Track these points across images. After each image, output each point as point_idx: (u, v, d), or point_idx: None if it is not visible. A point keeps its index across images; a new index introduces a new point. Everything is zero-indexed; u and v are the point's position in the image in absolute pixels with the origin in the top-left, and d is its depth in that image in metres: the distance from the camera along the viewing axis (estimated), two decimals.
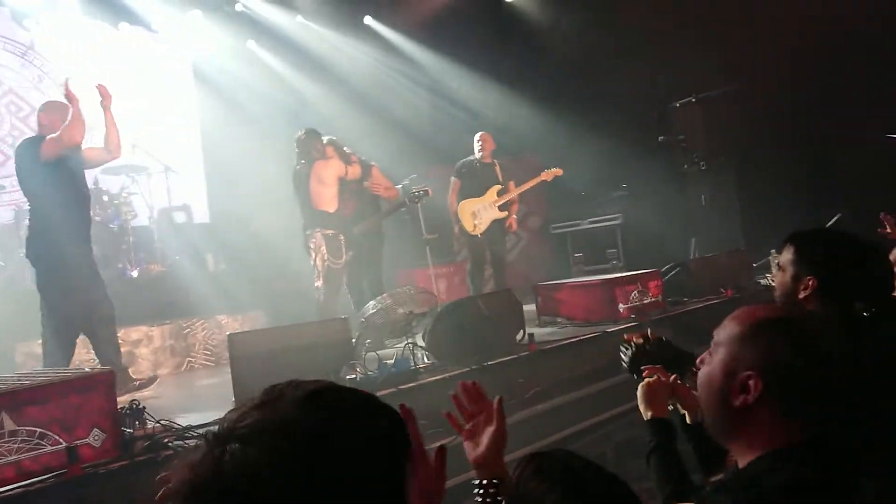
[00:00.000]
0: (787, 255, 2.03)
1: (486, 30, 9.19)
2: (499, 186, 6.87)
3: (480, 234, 6.79)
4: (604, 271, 8.13)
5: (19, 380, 3.07)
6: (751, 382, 1.26)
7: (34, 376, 3.18)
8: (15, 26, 7.68)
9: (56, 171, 4.46)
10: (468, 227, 6.78)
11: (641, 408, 2.01)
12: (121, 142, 4.89)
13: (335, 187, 5.76)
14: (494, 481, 1.52)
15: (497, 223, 6.86)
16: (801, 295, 1.95)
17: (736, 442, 1.32)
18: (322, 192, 5.68)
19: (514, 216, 7.05)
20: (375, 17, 9.15)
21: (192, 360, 6.25)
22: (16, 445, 2.74)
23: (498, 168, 6.96)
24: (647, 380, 2.03)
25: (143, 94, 8.49)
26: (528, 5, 9.24)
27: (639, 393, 2.03)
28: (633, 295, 5.82)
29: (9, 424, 2.73)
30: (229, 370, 3.99)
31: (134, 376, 4.92)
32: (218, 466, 0.72)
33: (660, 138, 8.34)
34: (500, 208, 6.85)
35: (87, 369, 3.36)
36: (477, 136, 6.98)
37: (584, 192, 9.18)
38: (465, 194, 6.84)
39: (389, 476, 0.80)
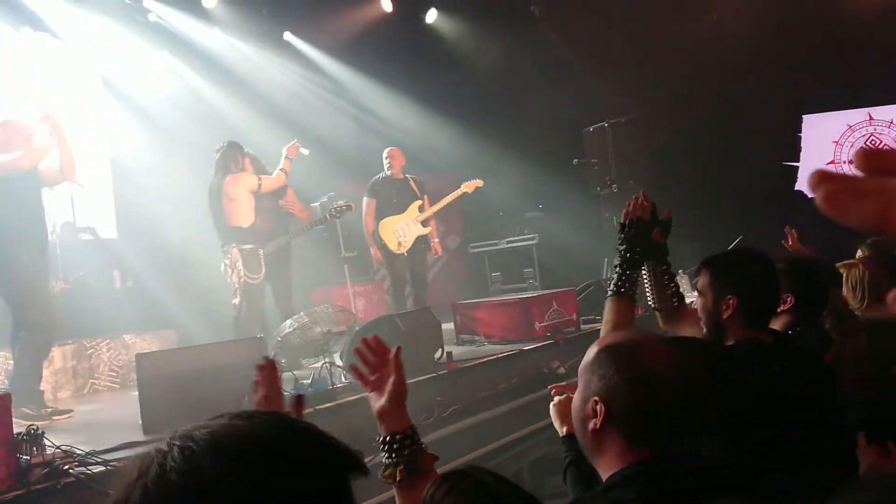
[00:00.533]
0: (703, 280, 2.12)
1: (407, 50, 9.28)
2: (419, 201, 6.70)
3: (406, 252, 6.59)
4: (521, 290, 8.29)
5: None
6: (597, 408, 1.36)
7: None
8: None
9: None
10: (392, 245, 6.55)
11: (556, 425, 2.06)
12: (75, 164, 4.78)
13: (248, 202, 5.57)
14: (398, 436, 1.55)
15: (420, 239, 6.68)
16: (726, 315, 2.02)
17: (597, 462, 1.41)
18: (233, 208, 5.50)
19: (437, 240, 6.90)
20: (295, 32, 9.06)
21: (96, 381, 5.95)
22: None
23: (413, 183, 6.78)
24: (556, 398, 2.08)
25: (47, 102, 8.09)
26: (448, 28, 9.38)
27: (551, 411, 2.08)
28: (548, 313, 5.95)
29: None
30: (136, 392, 3.83)
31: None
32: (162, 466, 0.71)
33: (574, 161, 8.62)
34: (423, 224, 6.67)
35: None
36: (385, 152, 6.79)
37: (502, 213, 9.35)
38: (382, 213, 6.64)
39: None
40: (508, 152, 8.87)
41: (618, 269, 2.21)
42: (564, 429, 2.02)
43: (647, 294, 2.38)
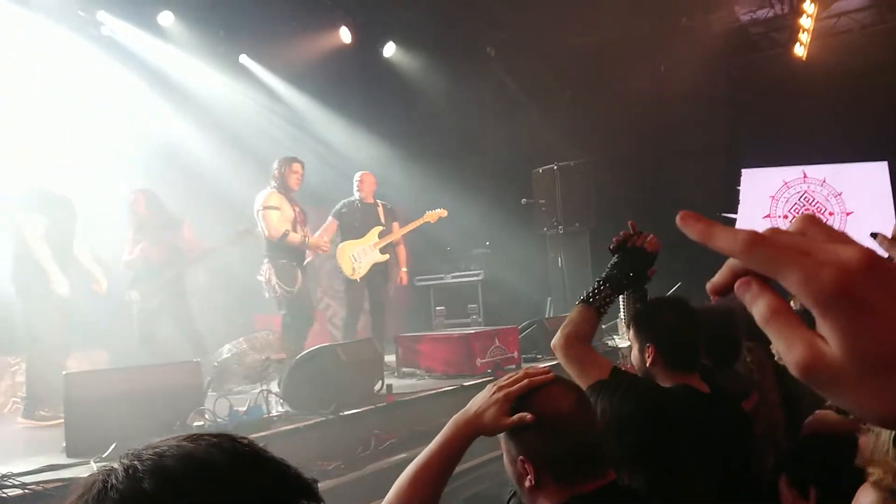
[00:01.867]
0: (631, 331, 2.20)
1: (364, 82, 9.34)
2: (380, 228, 6.56)
3: (360, 279, 6.45)
4: (464, 325, 8.32)
5: None
6: (525, 466, 1.41)
7: None
8: None
9: None
10: (346, 270, 6.41)
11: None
12: None
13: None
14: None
15: (377, 267, 6.52)
16: (648, 363, 2.10)
17: None
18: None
19: (405, 269, 6.75)
20: (251, 56, 9.04)
21: (18, 400, 5.69)
22: None
23: (381, 209, 6.66)
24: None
25: None
26: (406, 63, 9.49)
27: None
28: (490, 349, 5.98)
29: None
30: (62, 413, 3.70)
31: None
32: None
33: (523, 200, 8.77)
34: (382, 251, 6.51)
35: None
36: (357, 176, 6.69)
37: (449, 247, 9.41)
38: (344, 236, 6.50)
39: None
40: (459, 188, 8.96)
41: (600, 284, 2.20)
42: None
43: (622, 316, 2.43)
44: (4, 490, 2.90)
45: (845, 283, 0.41)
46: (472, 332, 6.28)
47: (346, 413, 4.43)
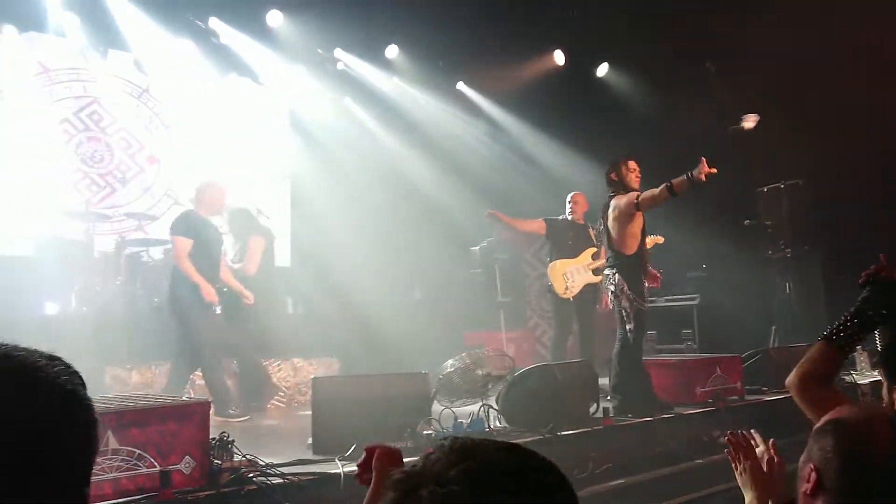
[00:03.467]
0: (884, 370, 2.04)
1: (576, 102, 9.36)
2: (593, 249, 6.51)
3: (572, 298, 6.40)
4: (677, 351, 7.98)
5: (123, 402, 3.23)
6: (811, 475, 1.39)
7: (136, 400, 3.34)
8: (135, 70, 8.27)
9: None
10: (559, 289, 6.38)
11: (743, 490, 2.00)
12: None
13: None
14: None
15: (588, 288, 6.45)
16: None
17: None
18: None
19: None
20: (468, 83, 9.46)
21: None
22: (116, 464, 2.88)
23: (591, 231, 6.58)
24: (745, 462, 2.02)
25: (241, 139, 8.97)
26: (619, 82, 9.40)
27: (740, 476, 2.02)
28: (711, 379, 5.70)
29: (112, 443, 2.88)
30: (300, 412, 4.07)
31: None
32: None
33: (745, 222, 8.26)
34: (595, 272, 6.41)
35: (185, 398, 3.50)
36: (569, 196, 6.72)
37: (662, 269, 9.08)
38: (554, 254, 6.54)
39: None
40: (672, 208, 8.64)
41: (847, 320, 2.03)
42: (749, 497, 1.96)
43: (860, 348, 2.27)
44: (269, 478, 3.27)
45: None
46: (692, 358, 6.03)
47: (562, 433, 4.45)
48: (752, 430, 2.14)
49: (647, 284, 5.51)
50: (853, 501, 1.34)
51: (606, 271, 5.42)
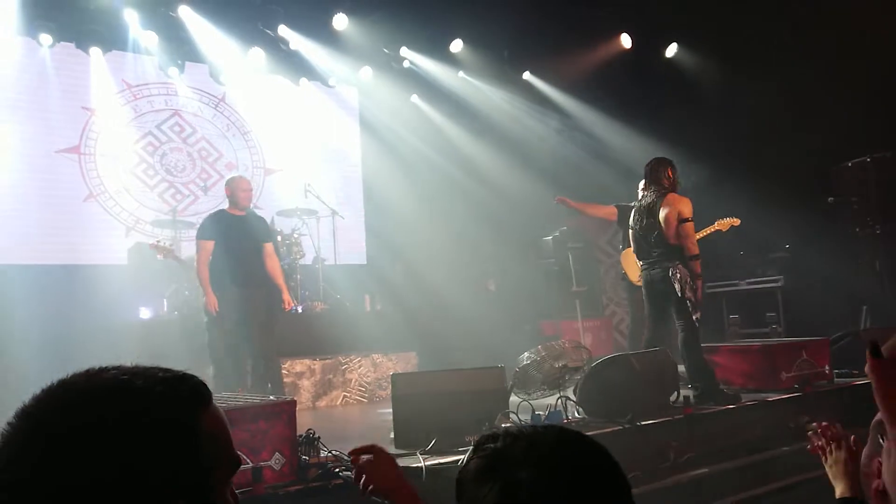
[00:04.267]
0: None
1: (644, 84, 9.18)
2: None
3: None
4: (762, 336, 7.75)
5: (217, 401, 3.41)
6: (881, 468, 1.25)
7: (226, 400, 3.52)
8: (211, 81, 8.61)
9: None
10: (633, 276, 6.35)
11: (833, 482, 1.97)
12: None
13: None
14: None
15: None
16: None
17: None
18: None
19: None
20: (534, 73, 9.41)
21: (348, 395, 6.58)
22: None
23: None
24: (836, 453, 1.98)
25: (316, 142, 9.23)
26: (689, 62, 9.15)
27: (830, 469, 1.98)
28: (797, 363, 5.53)
29: None
30: (381, 408, 4.19)
31: None
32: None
33: (830, 199, 7.93)
34: None
35: (272, 398, 3.67)
36: (641, 183, 6.35)
37: (743, 251, 8.83)
38: (626, 241, 6.39)
39: None
40: (750, 187, 8.38)
41: None
42: (840, 489, 1.92)
43: None
44: (348, 470, 3.40)
45: None
46: (777, 343, 5.86)
47: (642, 423, 4.42)
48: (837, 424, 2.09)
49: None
50: None
51: (667, 264, 5.29)
